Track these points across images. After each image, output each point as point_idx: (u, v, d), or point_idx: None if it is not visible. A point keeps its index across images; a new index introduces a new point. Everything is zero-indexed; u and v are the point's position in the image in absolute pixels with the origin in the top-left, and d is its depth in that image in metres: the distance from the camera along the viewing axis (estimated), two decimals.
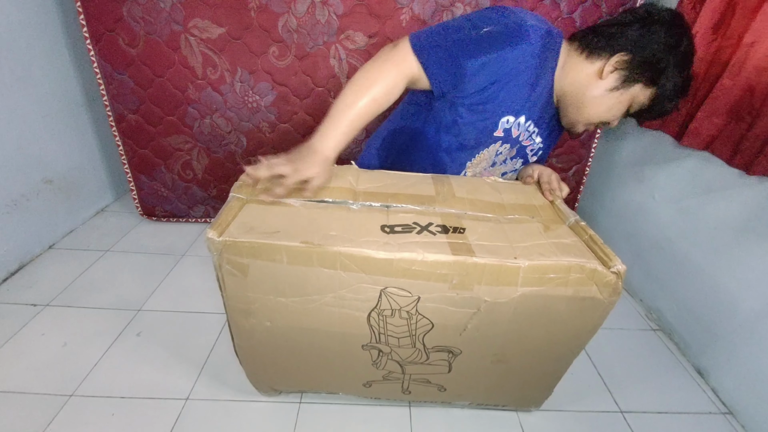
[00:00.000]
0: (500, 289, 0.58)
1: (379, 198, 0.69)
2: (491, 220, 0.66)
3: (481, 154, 0.79)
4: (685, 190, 1.09)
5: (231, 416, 0.84)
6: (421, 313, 0.62)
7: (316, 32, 1.16)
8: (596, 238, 0.63)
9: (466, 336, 0.65)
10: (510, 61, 0.65)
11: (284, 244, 0.56)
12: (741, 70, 0.90)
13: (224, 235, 0.57)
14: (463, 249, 0.57)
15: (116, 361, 0.94)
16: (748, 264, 0.91)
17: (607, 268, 0.58)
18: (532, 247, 0.60)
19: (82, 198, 1.43)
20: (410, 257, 0.55)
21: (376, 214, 0.65)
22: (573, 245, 0.62)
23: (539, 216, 0.70)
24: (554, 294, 0.59)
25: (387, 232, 0.60)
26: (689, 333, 1.07)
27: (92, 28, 1.14)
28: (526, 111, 0.73)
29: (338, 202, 0.67)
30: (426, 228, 0.62)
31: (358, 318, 0.64)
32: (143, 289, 1.16)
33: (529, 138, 0.80)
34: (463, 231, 0.62)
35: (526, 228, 0.65)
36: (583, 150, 1.38)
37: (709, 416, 0.92)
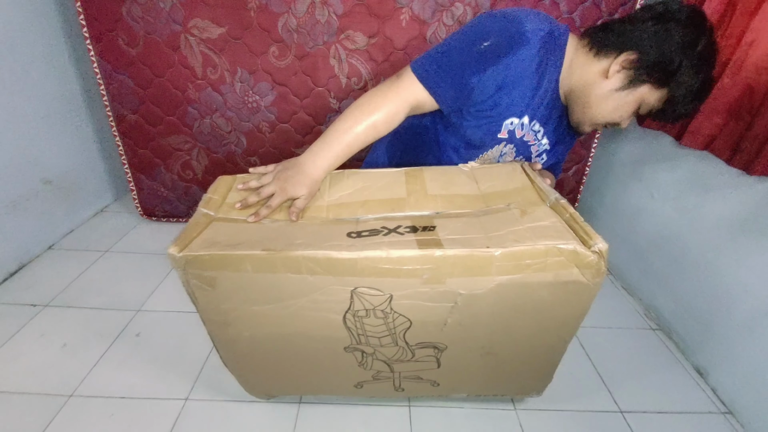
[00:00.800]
0: (474, 280, 0.56)
1: (349, 209, 0.66)
2: (466, 215, 0.64)
3: (485, 154, 0.79)
4: (685, 189, 1.09)
5: (230, 417, 0.84)
6: (396, 311, 0.61)
7: (316, 32, 1.16)
8: (576, 217, 0.60)
9: (448, 331, 0.64)
10: (512, 68, 0.65)
11: (246, 253, 0.55)
12: (741, 70, 0.90)
13: (186, 250, 0.56)
14: (431, 243, 0.55)
15: (115, 361, 0.94)
16: (747, 263, 0.91)
17: (587, 248, 0.54)
18: (507, 234, 0.57)
19: (81, 198, 1.43)
20: (375, 255, 0.54)
21: (344, 225, 0.63)
22: (551, 226, 0.58)
23: (516, 200, 0.66)
24: (534, 281, 0.57)
25: (353, 237, 0.58)
26: (688, 332, 1.07)
27: (92, 28, 1.14)
28: (529, 111, 0.72)
29: (307, 218, 0.66)
30: (394, 230, 0.60)
31: (334, 320, 0.63)
32: (143, 289, 1.16)
33: (534, 137, 0.78)
34: (433, 229, 0.60)
35: (502, 216, 0.62)
36: (583, 150, 1.38)
37: (708, 416, 0.92)
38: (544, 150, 0.81)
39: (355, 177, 0.74)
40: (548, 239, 0.55)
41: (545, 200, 0.66)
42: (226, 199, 0.69)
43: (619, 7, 1.14)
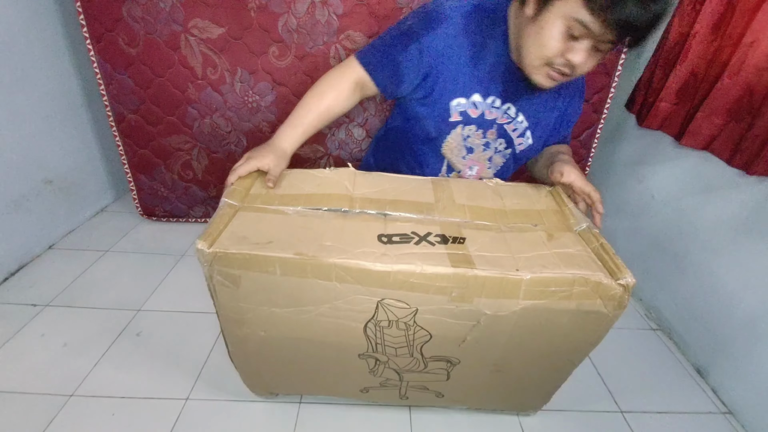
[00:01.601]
0: (501, 302, 0.56)
1: (376, 205, 0.66)
2: (492, 228, 0.64)
3: (446, 142, 0.78)
4: (685, 189, 1.09)
5: (231, 416, 0.84)
6: (419, 324, 0.60)
7: (316, 32, 1.16)
8: (607, 247, 0.60)
9: (465, 347, 0.64)
10: (435, 47, 0.67)
11: (277, 255, 0.54)
12: (740, 70, 0.90)
13: (215, 245, 0.55)
14: (462, 260, 0.55)
15: (116, 361, 0.94)
16: (747, 264, 0.91)
17: (614, 280, 0.54)
18: (535, 258, 0.57)
19: (82, 198, 1.43)
20: (408, 269, 0.53)
21: (372, 223, 0.62)
22: (578, 255, 0.58)
23: (543, 223, 0.67)
24: (557, 308, 0.57)
25: (384, 242, 0.58)
26: (689, 332, 1.07)
27: (92, 28, 1.14)
28: (480, 89, 0.70)
29: (334, 210, 0.65)
30: (424, 238, 0.59)
31: (355, 328, 0.62)
32: (143, 289, 1.16)
33: (505, 116, 0.75)
34: (462, 241, 0.59)
35: (529, 237, 0.62)
36: (583, 150, 1.38)
37: (708, 416, 0.92)
38: (524, 128, 0.77)
39: (381, 178, 0.75)
40: (576, 268, 0.55)
41: (573, 226, 0.67)
42: (250, 190, 0.69)
43: None
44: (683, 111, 1.05)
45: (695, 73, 1.02)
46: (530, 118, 0.76)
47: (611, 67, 1.22)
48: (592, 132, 1.34)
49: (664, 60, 1.09)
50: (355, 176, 0.74)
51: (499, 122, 0.75)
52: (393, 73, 0.70)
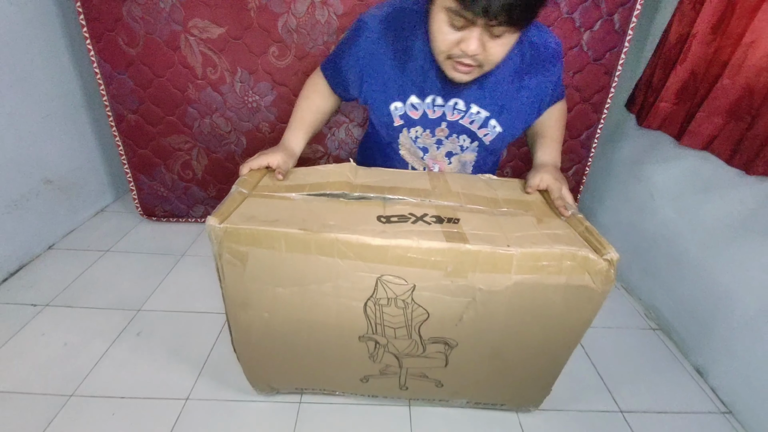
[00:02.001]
0: (494, 276, 0.60)
1: (376, 191, 0.72)
2: (485, 212, 0.68)
3: (400, 145, 0.81)
4: (685, 189, 1.09)
5: (231, 416, 0.84)
6: (416, 301, 0.63)
7: (316, 32, 1.16)
8: (592, 229, 0.64)
9: (462, 327, 0.66)
10: (361, 55, 0.72)
11: (283, 230, 0.58)
12: (740, 70, 0.90)
13: (226, 222, 0.58)
14: (457, 237, 0.59)
15: (116, 361, 0.94)
16: (746, 263, 0.91)
17: (599, 256, 0.58)
18: (525, 236, 0.61)
19: (82, 198, 1.43)
20: (406, 244, 0.57)
21: (372, 206, 0.67)
22: (566, 235, 0.63)
23: (532, 210, 0.71)
24: (548, 283, 0.60)
25: (383, 222, 0.62)
26: (688, 332, 1.07)
27: (92, 28, 1.14)
28: (414, 90, 0.71)
29: (336, 194, 0.70)
30: (421, 218, 0.64)
31: (355, 308, 0.65)
32: (143, 289, 1.16)
33: (455, 112, 0.73)
34: (457, 221, 0.64)
35: (520, 220, 0.67)
36: (583, 150, 1.38)
37: (708, 415, 0.92)
38: (485, 118, 0.74)
39: (380, 170, 0.80)
40: (563, 245, 0.59)
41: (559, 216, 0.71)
42: (258, 183, 0.73)
43: (619, 7, 1.14)
44: (683, 111, 1.05)
45: (695, 73, 1.02)
46: (489, 107, 0.73)
47: (611, 67, 1.22)
48: (592, 132, 1.34)
49: (664, 60, 1.09)
50: (356, 169, 0.79)
51: (450, 119, 0.74)
52: (341, 79, 0.77)
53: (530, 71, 0.72)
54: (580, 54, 1.20)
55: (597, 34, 1.17)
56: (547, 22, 1.16)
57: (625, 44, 1.19)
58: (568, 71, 1.22)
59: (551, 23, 1.16)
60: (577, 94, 1.27)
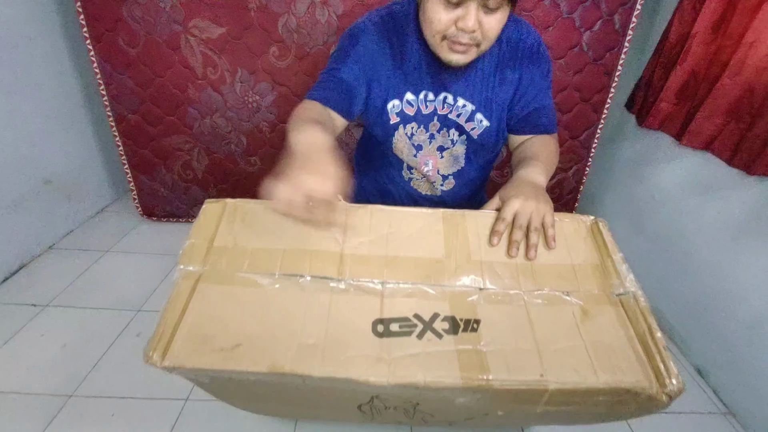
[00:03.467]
0: (518, 407, 0.49)
1: (372, 268, 0.53)
2: (514, 301, 0.52)
3: (394, 144, 0.80)
4: (686, 190, 1.09)
5: (230, 417, 0.84)
6: (420, 409, 0.55)
7: (316, 32, 1.16)
8: (656, 334, 0.47)
9: (470, 421, 0.61)
10: (366, 59, 0.70)
11: (247, 370, 0.43)
12: (741, 70, 0.90)
13: (168, 357, 0.43)
14: (475, 365, 0.45)
15: (116, 361, 0.94)
16: (748, 264, 0.91)
17: (660, 386, 0.44)
18: (564, 352, 0.46)
19: (81, 198, 1.43)
20: (408, 382, 0.44)
21: (367, 300, 0.50)
22: (618, 347, 0.47)
23: (578, 287, 0.53)
24: (583, 411, 0.49)
25: (380, 334, 0.47)
26: (689, 333, 1.07)
27: (92, 28, 1.14)
28: (409, 87, 0.73)
29: (319, 278, 0.51)
30: (430, 325, 0.48)
31: (347, 407, 0.58)
32: (143, 289, 1.16)
33: (447, 105, 0.74)
34: (476, 327, 0.48)
35: (559, 315, 0.50)
36: (583, 150, 1.38)
37: (709, 416, 0.92)
38: (471, 111, 0.75)
39: (380, 216, 0.58)
40: (613, 372, 0.45)
41: (615, 289, 0.53)
42: (214, 240, 0.53)
43: (619, 7, 1.13)
44: (683, 111, 1.05)
45: (695, 73, 1.02)
46: (475, 101, 0.74)
47: (611, 67, 1.22)
48: (592, 132, 1.34)
49: (664, 60, 1.09)
50: (345, 217, 0.58)
51: (440, 113, 0.76)
52: (342, 91, 0.71)
53: (510, 65, 0.73)
54: (580, 54, 1.20)
55: (597, 34, 1.17)
56: (547, 22, 1.16)
57: (625, 44, 1.19)
58: (568, 71, 1.22)
59: (551, 23, 1.16)
60: (577, 94, 1.27)
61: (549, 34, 1.17)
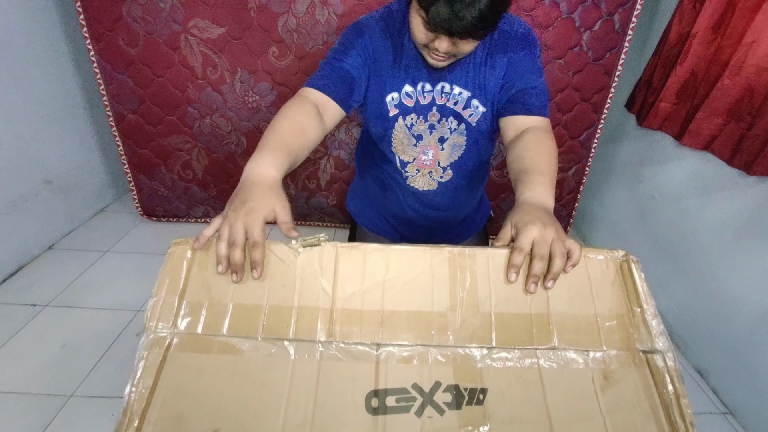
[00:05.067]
0: None
1: (366, 326, 0.47)
2: (524, 366, 0.46)
3: (394, 136, 0.81)
4: (685, 190, 1.09)
5: None
6: None
7: (316, 32, 1.16)
8: (681, 402, 0.43)
9: None
10: (369, 52, 0.74)
11: None
12: (741, 70, 0.90)
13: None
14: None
15: (116, 361, 0.94)
16: (748, 264, 0.91)
17: None
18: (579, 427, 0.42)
19: (81, 198, 1.43)
20: None
21: (360, 368, 0.45)
22: (640, 422, 0.43)
23: (600, 344, 0.47)
24: None
25: (375, 410, 0.42)
26: (689, 333, 1.07)
27: (92, 28, 1.14)
28: (406, 80, 0.75)
29: (306, 341, 0.45)
30: (430, 399, 0.43)
31: None
32: (143, 290, 1.16)
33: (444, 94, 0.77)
34: (482, 399, 0.44)
35: (576, 381, 0.45)
36: (583, 150, 1.38)
37: (709, 416, 0.92)
38: (467, 98, 0.77)
39: (375, 256, 0.51)
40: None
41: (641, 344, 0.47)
42: (185, 295, 0.47)
43: (619, 7, 1.14)
44: (683, 111, 1.05)
45: (695, 73, 1.02)
46: (471, 87, 0.76)
47: (611, 67, 1.22)
48: (592, 132, 1.34)
49: (664, 60, 1.09)
50: (335, 262, 0.50)
51: (439, 103, 0.78)
52: (344, 82, 0.73)
53: (500, 50, 0.75)
54: (580, 54, 1.20)
55: (597, 34, 1.17)
56: (547, 22, 1.16)
57: (625, 44, 1.19)
58: (568, 71, 1.22)
59: (551, 23, 1.16)
60: (577, 94, 1.27)
61: (549, 34, 1.17)
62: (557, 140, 1.38)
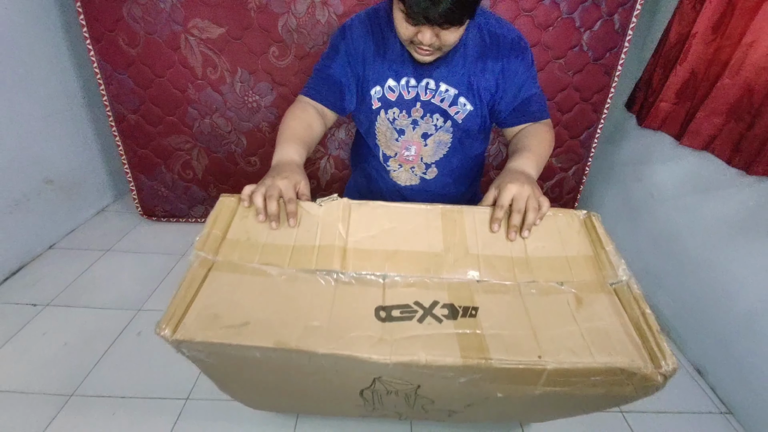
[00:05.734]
0: (517, 387, 0.49)
1: (374, 261, 0.56)
2: (510, 290, 0.54)
3: (377, 129, 0.83)
4: (685, 189, 1.09)
5: (231, 417, 0.84)
6: (421, 394, 0.55)
7: (316, 32, 1.17)
8: (650, 319, 0.49)
9: (471, 408, 0.61)
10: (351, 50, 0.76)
11: (255, 345, 0.45)
12: (741, 70, 0.90)
13: (179, 331, 0.47)
14: (474, 346, 0.47)
15: (117, 360, 0.95)
16: (746, 263, 0.91)
17: (655, 367, 0.46)
18: (560, 337, 0.48)
19: (82, 198, 1.43)
20: (410, 361, 0.45)
21: (369, 290, 0.52)
22: (613, 331, 0.49)
23: (572, 277, 0.55)
24: (581, 393, 0.50)
25: (382, 319, 0.49)
26: (688, 331, 1.07)
27: (92, 28, 1.14)
28: (390, 74, 0.76)
29: (325, 271, 0.54)
30: (430, 311, 0.50)
31: (350, 393, 0.58)
32: (143, 289, 1.16)
33: (429, 91, 0.77)
34: (475, 313, 0.50)
35: (554, 303, 0.52)
36: (583, 149, 1.38)
37: (708, 415, 0.92)
38: (454, 96, 0.76)
39: (381, 212, 0.61)
40: (609, 353, 0.46)
41: (609, 279, 0.55)
42: (227, 233, 0.57)
43: (619, 7, 1.13)
44: (683, 111, 1.05)
45: (695, 73, 1.02)
46: (458, 85, 0.76)
47: (611, 67, 1.22)
48: (592, 132, 1.34)
49: (664, 60, 1.09)
50: (349, 213, 0.60)
51: (423, 99, 0.78)
52: (333, 88, 0.77)
53: (492, 56, 0.75)
54: (580, 54, 1.20)
55: (597, 34, 1.17)
56: (547, 22, 1.16)
57: (625, 44, 1.19)
58: (568, 71, 1.22)
59: (551, 23, 1.16)
60: (577, 94, 1.27)
61: (549, 34, 1.17)
62: (557, 140, 1.39)
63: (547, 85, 1.24)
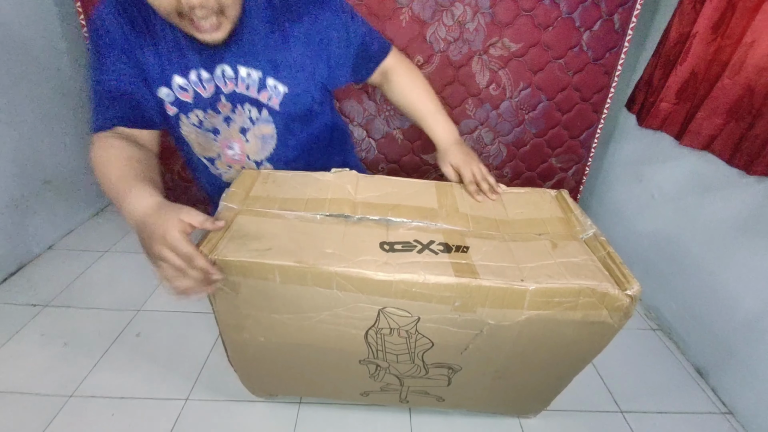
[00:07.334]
0: (505, 311, 0.56)
1: (379, 210, 0.65)
2: (496, 238, 0.63)
3: (185, 136, 0.70)
4: (685, 189, 1.09)
5: (231, 417, 0.84)
6: (421, 332, 0.61)
7: None
8: (614, 256, 0.59)
9: (467, 354, 0.64)
10: (116, 51, 0.61)
11: (277, 263, 0.53)
12: (741, 70, 0.90)
13: (214, 253, 0.54)
14: (466, 270, 0.55)
15: (116, 361, 0.94)
16: (747, 263, 0.91)
17: (621, 290, 0.54)
18: (540, 267, 0.56)
19: (81, 198, 1.43)
20: (411, 279, 0.53)
21: (374, 229, 0.61)
22: (584, 264, 0.58)
23: (547, 232, 0.66)
24: (561, 318, 0.56)
25: (386, 250, 0.57)
26: (689, 332, 1.07)
27: None
28: (173, 70, 0.61)
29: (335, 215, 0.64)
30: (427, 246, 0.59)
31: (355, 336, 0.62)
32: (143, 289, 1.16)
33: (230, 79, 0.64)
34: (466, 250, 0.59)
35: (533, 246, 0.61)
36: (583, 150, 1.38)
37: (708, 416, 0.92)
38: (259, 79, 0.64)
39: (383, 181, 0.73)
40: (582, 278, 0.55)
41: (579, 234, 0.65)
42: (250, 192, 0.67)
43: (619, 7, 1.13)
44: (683, 111, 1.05)
45: (695, 73, 1.02)
46: (259, 66, 0.63)
47: (611, 67, 1.22)
48: (592, 132, 1.34)
49: (664, 60, 1.09)
50: (357, 180, 0.72)
51: (226, 91, 0.64)
52: (123, 103, 0.64)
53: (289, 18, 0.63)
54: (580, 54, 1.20)
55: (597, 34, 1.17)
56: (547, 22, 1.16)
57: (625, 44, 1.19)
58: (568, 71, 1.22)
59: (551, 23, 1.16)
60: (577, 94, 1.27)
61: (549, 34, 1.17)
62: (557, 140, 1.39)
63: (547, 85, 1.24)
